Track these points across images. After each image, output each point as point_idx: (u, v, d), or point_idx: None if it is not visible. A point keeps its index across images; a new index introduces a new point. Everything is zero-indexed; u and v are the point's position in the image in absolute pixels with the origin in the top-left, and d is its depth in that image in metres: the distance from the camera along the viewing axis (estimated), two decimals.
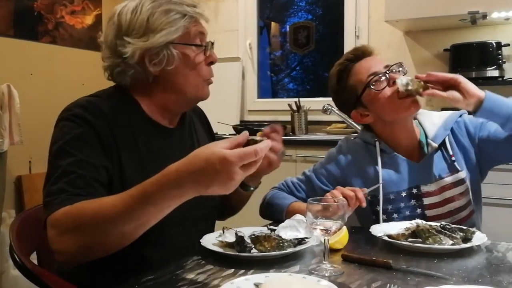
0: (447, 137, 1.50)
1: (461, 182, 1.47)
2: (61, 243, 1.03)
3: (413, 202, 1.49)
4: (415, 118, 1.59)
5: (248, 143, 0.96)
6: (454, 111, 1.56)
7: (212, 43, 1.30)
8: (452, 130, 1.52)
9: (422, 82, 1.38)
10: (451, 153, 1.48)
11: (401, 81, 1.40)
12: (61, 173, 1.09)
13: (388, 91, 1.45)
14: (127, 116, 1.23)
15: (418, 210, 1.49)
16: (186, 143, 1.36)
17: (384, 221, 1.47)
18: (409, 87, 1.38)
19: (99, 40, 1.29)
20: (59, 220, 1.03)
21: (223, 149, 0.92)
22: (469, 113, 1.41)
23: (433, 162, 1.49)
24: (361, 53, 1.52)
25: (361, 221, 1.57)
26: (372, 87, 1.46)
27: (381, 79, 1.46)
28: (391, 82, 1.45)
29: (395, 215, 1.49)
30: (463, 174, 1.47)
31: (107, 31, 1.26)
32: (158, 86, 1.26)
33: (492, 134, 1.47)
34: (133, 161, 1.19)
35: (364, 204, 1.34)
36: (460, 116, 1.55)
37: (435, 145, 1.49)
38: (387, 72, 1.47)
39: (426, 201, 1.48)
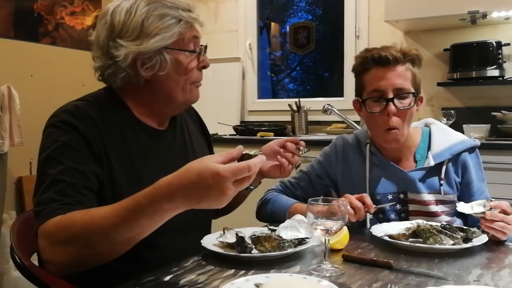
0: (446, 160, 1.48)
1: (444, 202, 1.47)
2: (52, 253, 1.03)
3: (398, 206, 1.49)
4: (427, 125, 1.58)
5: (243, 157, 0.97)
6: (467, 140, 1.51)
7: (206, 47, 1.28)
8: (454, 157, 1.49)
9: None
10: (442, 176, 1.47)
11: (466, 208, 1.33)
12: (51, 181, 1.08)
13: (379, 119, 1.43)
14: (116, 120, 1.22)
15: (403, 215, 1.50)
16: (178, 144, 1.35)
17: (371, 220, 1.48)
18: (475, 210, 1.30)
19: (89, 39, 1.26)
20: (50, 231, 1.02)
21: (217, 163, 0.92)
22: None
23: (421, 176, 1.48)
24: (384, 61, 1.42)
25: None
26: (367, 107, 1.45)
27: (377, 104, 1.43)
28: (386, 113, 1.41)
29: (380, 215, 1.50)
30: (448, 197, 1.47)
31: (98, 30, 1.22)
32: (148, 89, 1.24)
33: (468, 194, 1.46)
34: (123, 165, 1.18)
35: (372, 210, 1.34)
36: (470, 149, 1.50)
37: (432, 163, 1.47)
38: (387, 100, 1.41)
39: (412, 207, 1.49)
